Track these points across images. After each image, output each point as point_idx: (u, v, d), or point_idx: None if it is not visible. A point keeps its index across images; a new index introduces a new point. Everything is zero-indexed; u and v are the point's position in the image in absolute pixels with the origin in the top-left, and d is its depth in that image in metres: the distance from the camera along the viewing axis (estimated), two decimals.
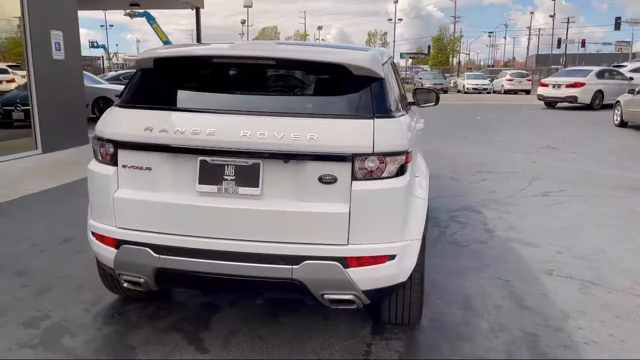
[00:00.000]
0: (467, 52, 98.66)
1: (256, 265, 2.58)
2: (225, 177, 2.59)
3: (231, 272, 2.61)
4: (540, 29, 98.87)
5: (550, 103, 20.87)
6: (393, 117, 2.71)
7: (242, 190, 2.58)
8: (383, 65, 2.95)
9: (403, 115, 2.98)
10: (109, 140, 2.74)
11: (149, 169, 2.67)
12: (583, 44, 69.64)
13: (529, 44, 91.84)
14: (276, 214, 2.56)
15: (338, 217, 2.53)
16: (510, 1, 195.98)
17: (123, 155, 2.71)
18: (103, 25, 75.10)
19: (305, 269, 2.54)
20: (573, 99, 19.41)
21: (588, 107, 19.54)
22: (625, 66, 25.20)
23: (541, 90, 20.90)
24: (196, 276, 2.70)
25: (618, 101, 14.49)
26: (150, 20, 48.53)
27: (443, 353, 2.94)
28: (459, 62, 78.29)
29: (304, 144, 2.50)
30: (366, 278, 2.60)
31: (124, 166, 2.71)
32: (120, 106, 2.85)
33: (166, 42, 53.17)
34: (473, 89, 35.13)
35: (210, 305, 3.43)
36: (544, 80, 22.19)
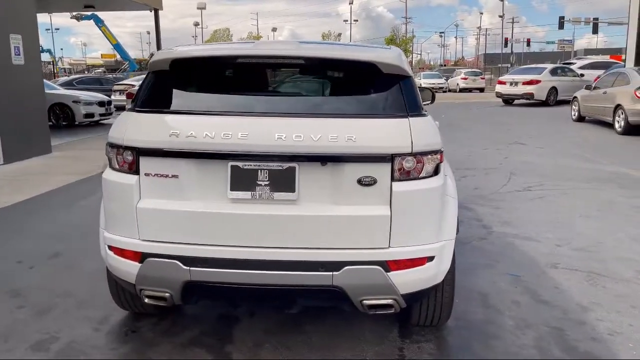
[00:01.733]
0: (419, 52, 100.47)
1: (294, 273, 2.47)
2: (259, 183, 2.47)
3: (268, 282, 2.49)
4: (487, 29, 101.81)
5: (508, 100, 21.47)
6: (424, 115, 2.66)
7: (278, 195, 2.47)
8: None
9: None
10: (128, 148, 2.57)
11: (175, 176, 2.51)
12: (528, 43, 72.25)
13: (478, 43, 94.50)
14: (314, 218, 2.46)
15: (379, 220, 2.45)
16: (457, 2, 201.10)
17: (146, 163, 2.54)
18: (48, 29, 72.25)
19: (346, 275, 2.45)
20: (530, 95, 20.04)
21: (543, 103, 20.21)
22: (575, 63, 26.24)
23: (499, 88, 21.47)
24: (228, 288, 2.57)
25: (575, 97, 15.04)
26: (99, 22, 46.96)
27: (476, 353, 2.91)
28: (411, 63, 79.60)
29: (342, 145, 2.42)
30: (406, 281, 2.53)
31: (146, 174, 2.54)
32: (136, 111, 2.67)
33: (116, 45, 51.64)
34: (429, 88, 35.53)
35: (228, 317, 3.29)
36: (501, 78, 22.82)
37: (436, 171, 2.58)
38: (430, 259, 2.58)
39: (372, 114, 2.55)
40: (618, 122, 12.13)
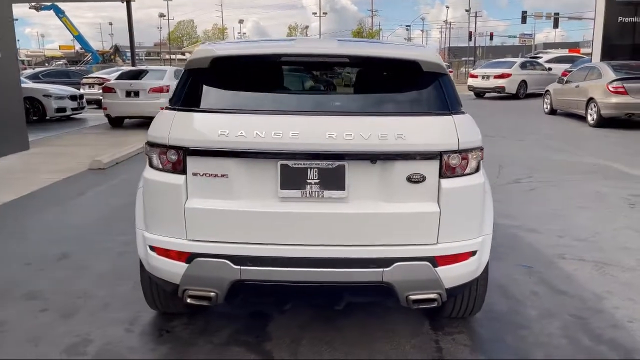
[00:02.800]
0: None
1: (345, 270, 2.50)
2: (309, 181, 2.49)
3: (318, 280, 2.52)
4: (450, 22, 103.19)
5: (480, 93, 21.89)
6: (464, 112, 2.72)
7: (328, 193, 2.49)
8: None
9: None
10: (173, 147, 2.53)
11: (224, 176, 2.50)
12: (491, 36, 73.65)
13: (443, 37, 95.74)
14: (364, 216, 2.50)
15: (429, 217, 2.51)
16: None
17: (194, 163, 2.51)
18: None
19: (396, 271, 2.50)
20: (501, 89, 20.48)
21: (514, 96, 20.69)
22: (542, 57, 26.94)
23: (471, 81, 21.86)
24: (275, 285, 2.58)
25: (547, 90, 15.46)
26: (59, 13, 45.41)
27: (509, 343, 3.01)
28: None
29: (392, 143, 2.45)
30: (452, 276, 2.60)
31: (194, 174, 2.52)
32: (179, 110, 2.63)
33: (78, 37, 50.04)
34: None
35: (259, 314, 3.29)
36: (473, 72, 23.24)
37: (478, 167, 2.65)
38: (473, 253, 2.65)
39: (418, 111, 2.60)
40: (590, 115, 12.56)
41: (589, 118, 12.60)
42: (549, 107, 15.23)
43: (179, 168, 2.54)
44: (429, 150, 2.49)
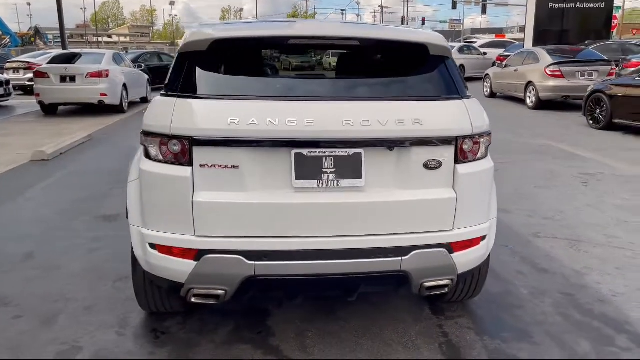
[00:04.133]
0: None
1: (364, 261, 2.44)
2: (325, 170, 2.39)
3: (336, 271, 2.45)
4: (383, 7, 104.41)
5: None
6: (471, 97, 2.70)
7: (344, 182, 2.40)
8: None
9: None
10: (176, 137, 2.35)
11: (235, 167, 2.35)
12: (423, 22, 75.35)
13: (377, 21, 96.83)
14: (383, 205, 2.44)
15: (446, 203, 2.48)
16: None
17: (201, 153, 2.35)
18: None
19: (414, 259, 2.47)
20: None
21: None
22: (476, 42, 27.82)
23: None
24: (289, 280, 2.48)
25: (487, 74, 16.00)
26: None
27: (510, 323, 3.07)
28: None
29: (409, 129, 2.40)
30: (465, 261, 2.60)
31: (202, 166, 2.35)
32: (180, 97, 2.43)
33: None
34: None
35: (255, 310, 3.16)
36: None
37: (487, 152, 2.65)
38: (483, 238, 2.66)
39: (432, 96, 2.55)
40: (529, 97, 13.11)
41: (528, 101, 13.15)
42: (489, 90, 15.76)
43: (184, 159, 2.36)
44: (445, 136, 2.45)
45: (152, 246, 2.49)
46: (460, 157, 2.50)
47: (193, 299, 2.57)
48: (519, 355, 2.74)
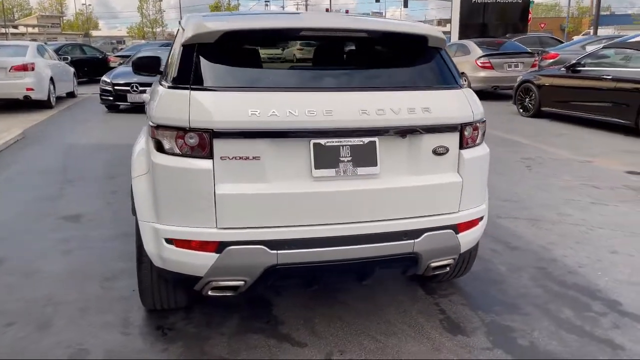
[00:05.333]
0: None
1: (380, 245, 2.55)
2: (342, 159, 2.47)
3: (355, 256, 2.54)
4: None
5: None
6: (464, 86, 2.87)
7: (361, 170, 2.49)
8: None
9: None
10: (195, 129, 2.34)
11: (257, 158, 2.37)
12: (347, 13, 76.42)
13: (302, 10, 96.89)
14: (397, 190, 2.55)
15: (453, 186, 2.64)
16: None
17: (222, 145, 2.35)
18: None
19: (425, 241, 2.61)
20: None
21: None
22: None
23: None
24: (308, 267, 2.54)
25: None
26: None
27: (498, 297, 3.30)
28: None
29: (420, 117, 2.53)
30: (466, 241, 2.78)
31: (222, 158, 2.36)
32: (191, 89, 2.40)
33: None
34: None
35: (257, 299, 3.19)
36: None
37: (483, 138, 2.83)
38: (481, 218, 2.85)
39: (436, 85, 2.69)
40: None
41: None
42: None
43: (204, 152, 2.35)
44: (452, 123, 2.60)
45: (169, 241, 2.46)
46: (464, 143, 2.66)
47: (210, 292, 2.57)
48: (514, 325, 2.97)
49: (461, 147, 2.66)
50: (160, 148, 2.44)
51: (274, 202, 2.41)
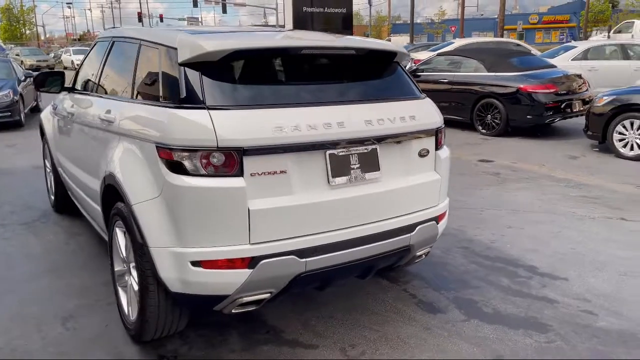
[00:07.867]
0: (43, 25, 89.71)
1: (386, 242, 2.82)
2: (352, 167, 2.68)
3: (368, 255, 2.77)
4: (112, 1, 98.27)
5: None
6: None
7: (368, 175, 2.73)
8: None
9: None
10: (224, 149, 2.34)
11: (283, 172, 2.47)
12: (161, 18, 73.80)
13: (104, 16, 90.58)
14: (396, 191, 2.85)
15: (436, 183, 3.03)
16: None
17: (251, 162, 2.39)
18: None
19: (418, 234, 2.95)
20: None
21: None
22: None
23: None
24: (329, 271, 2.69)
25: None
26: None
27: (450, 277, 3.77)
28: (38, 36, 70.99)
29: (409, 124, 2.86)
30: (440, 231, 3.19)
31: (252, 174, 2.40)
32: (210, 108, 2.39)
33: None
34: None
35: (243, 316, 3.14)
36: None
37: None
38: (447, 210, 3.29)
39: (410, 95, 3.04)
40: None
41: None
42: None
43: (233, 170, 2.37)
44: (431, 128, 2.99)
45: (196, 263, 2.41)
46: (438, 145, 3.06)
47: (233, 310, 2.58)
48: (474, 298, 3.46)
49: (437, 148, 3.05)
50: (178, 169, 2.38)
51: (301, 213, 2.53)
